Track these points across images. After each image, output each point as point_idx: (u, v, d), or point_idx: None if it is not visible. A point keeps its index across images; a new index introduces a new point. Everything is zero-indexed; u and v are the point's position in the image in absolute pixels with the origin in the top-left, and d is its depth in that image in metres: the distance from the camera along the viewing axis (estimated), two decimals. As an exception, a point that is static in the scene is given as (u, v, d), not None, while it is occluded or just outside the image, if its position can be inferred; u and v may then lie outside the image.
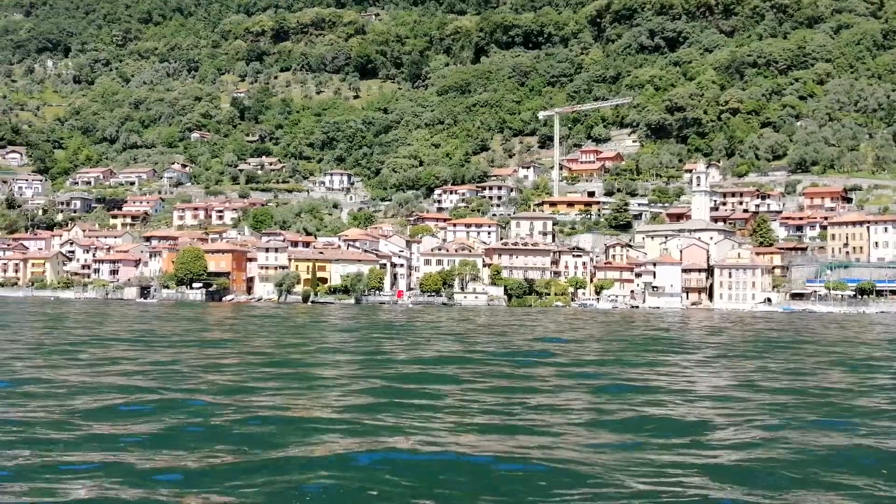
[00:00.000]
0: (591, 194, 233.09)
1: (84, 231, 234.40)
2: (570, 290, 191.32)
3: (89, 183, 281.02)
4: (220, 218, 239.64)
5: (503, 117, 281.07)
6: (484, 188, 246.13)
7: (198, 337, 65.71)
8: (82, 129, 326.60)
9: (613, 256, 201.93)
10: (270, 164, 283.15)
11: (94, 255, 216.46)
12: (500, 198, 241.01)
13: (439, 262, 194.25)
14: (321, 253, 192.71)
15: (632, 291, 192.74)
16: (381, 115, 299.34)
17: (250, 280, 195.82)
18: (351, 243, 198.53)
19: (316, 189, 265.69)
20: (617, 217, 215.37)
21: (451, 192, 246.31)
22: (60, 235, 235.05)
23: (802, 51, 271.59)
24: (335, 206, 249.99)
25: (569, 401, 30.77)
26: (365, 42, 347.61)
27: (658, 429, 24.68)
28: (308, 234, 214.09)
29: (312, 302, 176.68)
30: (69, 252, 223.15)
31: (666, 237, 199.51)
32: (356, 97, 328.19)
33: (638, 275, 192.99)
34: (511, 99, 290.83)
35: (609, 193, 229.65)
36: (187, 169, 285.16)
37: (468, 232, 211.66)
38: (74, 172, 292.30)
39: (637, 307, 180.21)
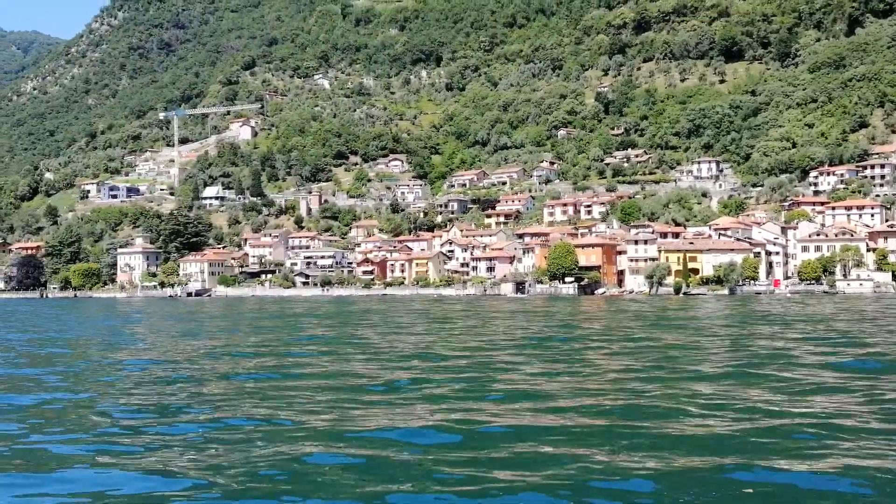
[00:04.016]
0: None
1: (461, 231, 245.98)
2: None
3: (464, 185, 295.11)
4: (589, 212, 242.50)
5: (883, 90, 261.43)
6: (865, 167, 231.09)
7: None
8: (456, 133, 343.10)
9: None
10: (636, 155, 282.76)
11: (471, 254, 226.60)
12: (883, 177, 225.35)
13: (818, 249, 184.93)
14: (691, 243, 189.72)
15: None
16: (749, 98, 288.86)
17: (620, 273, 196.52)
18: (722, 232, 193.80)
19: (683, 178, 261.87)
20: None
21: (827, 174, 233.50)
22: (440, 236, 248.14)
23: None
24: (704, 194, 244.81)
25: None
26: (729, 24, 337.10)
27: None
28: (677, 224, 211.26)
29: (684, 294, 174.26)
30: (448, 251, 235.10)
31: None
32: (722, 81, 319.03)
33: None
34: (892, 70, 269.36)
35: None
36: (555, 166, 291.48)
37: (849, 215, 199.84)
38: (450, 176, 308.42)
39: None
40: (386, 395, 31.43)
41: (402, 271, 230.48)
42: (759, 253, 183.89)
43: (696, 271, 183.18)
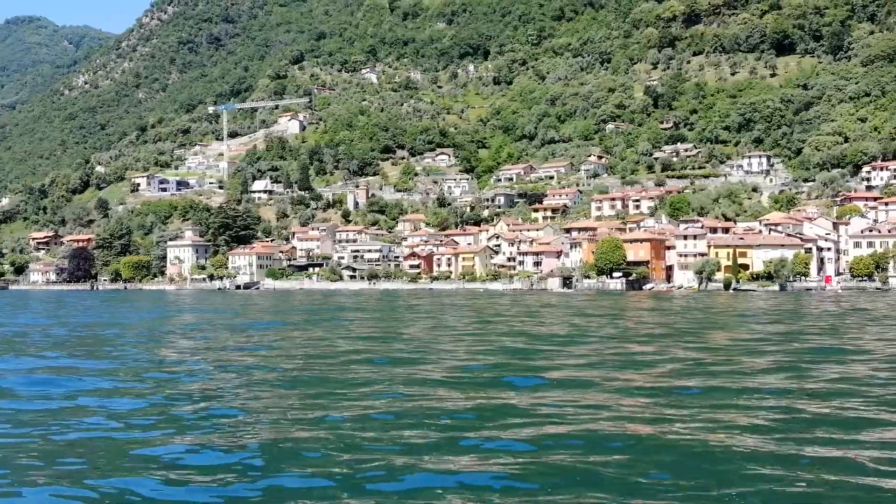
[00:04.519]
0: None
1: (508, 225, 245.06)
2: None
3: (511, 179, 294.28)
4: (637, 207, 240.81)
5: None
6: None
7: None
8: (503, 127, 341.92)
9: None
10: (686, 150, 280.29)
11: (518, 248, 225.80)
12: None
13: (870, 245, 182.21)
14: (741, 239, 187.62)
15: None
16: (801, 92, 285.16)
17: (669, 268, 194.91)
18: (773, 227, 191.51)
19: (733, 173, 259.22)
20: None
21: (881, 169, 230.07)
22: (487, 230, 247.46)
23: None
24: (754, 189, 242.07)
25: None
26: (781, 17, 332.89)
27: None
28: (727, 219, 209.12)
29: (734, 289, 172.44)
30: (495, 246, 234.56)
31: None
32: (773, 75, 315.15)
33: None
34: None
35: None
36: (603, 160, 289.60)
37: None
38: (497, 170, 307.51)
39: None
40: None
41: (449, 265, 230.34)
42: (810, 249, 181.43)
43: (745, 267, 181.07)
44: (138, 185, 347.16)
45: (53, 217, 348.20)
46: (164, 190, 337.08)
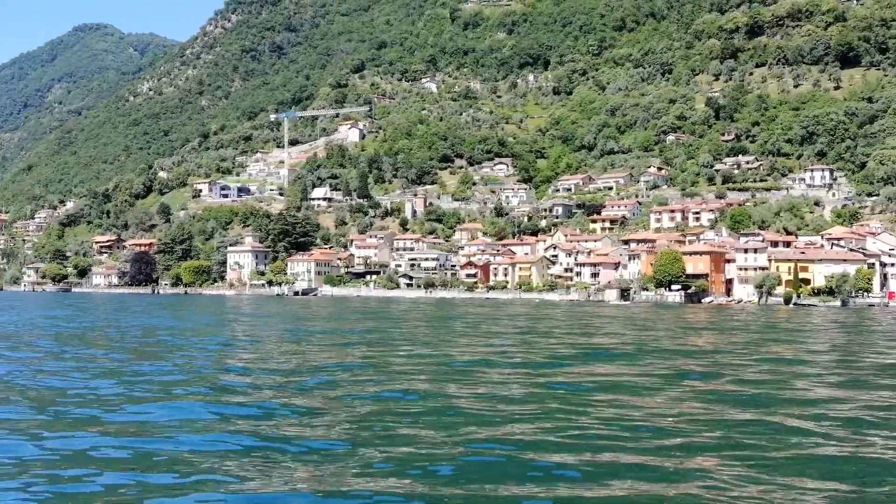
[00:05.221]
0: None
1: (566, 236, 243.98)
2: None
3: (569, 190, 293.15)
4: (697, 219, 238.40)
5: None
6: None
7: None
8: (562, 138, 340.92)
9: None
10: (747, 162, 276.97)
11: (575, 259, 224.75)
12: None
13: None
14: (802, 253, 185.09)
15: None
16: (865, 105, 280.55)
17: (729, 282, 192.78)
18: (835, 242, 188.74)
19: (795, 186, 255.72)
20: None
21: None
22: (544, 241, 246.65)
23: None
24: (816, 203, 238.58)
25: None
26: (846, 29, 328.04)
27: None
28: (788, 233, 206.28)
29: (795, 304, 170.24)
30: (552, 256, 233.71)
31: None
32: (837, 88, 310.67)
33: None
34: None
35: None
36: (663, 172, 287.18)
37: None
38: (556, 180, 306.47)
39: None
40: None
41: (506, 275, 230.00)
42: (872, 264, 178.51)
43: (807, 282, 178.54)
44: (200, 191, 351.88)
45: (116, 221, 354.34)
46: (226, 196, 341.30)
